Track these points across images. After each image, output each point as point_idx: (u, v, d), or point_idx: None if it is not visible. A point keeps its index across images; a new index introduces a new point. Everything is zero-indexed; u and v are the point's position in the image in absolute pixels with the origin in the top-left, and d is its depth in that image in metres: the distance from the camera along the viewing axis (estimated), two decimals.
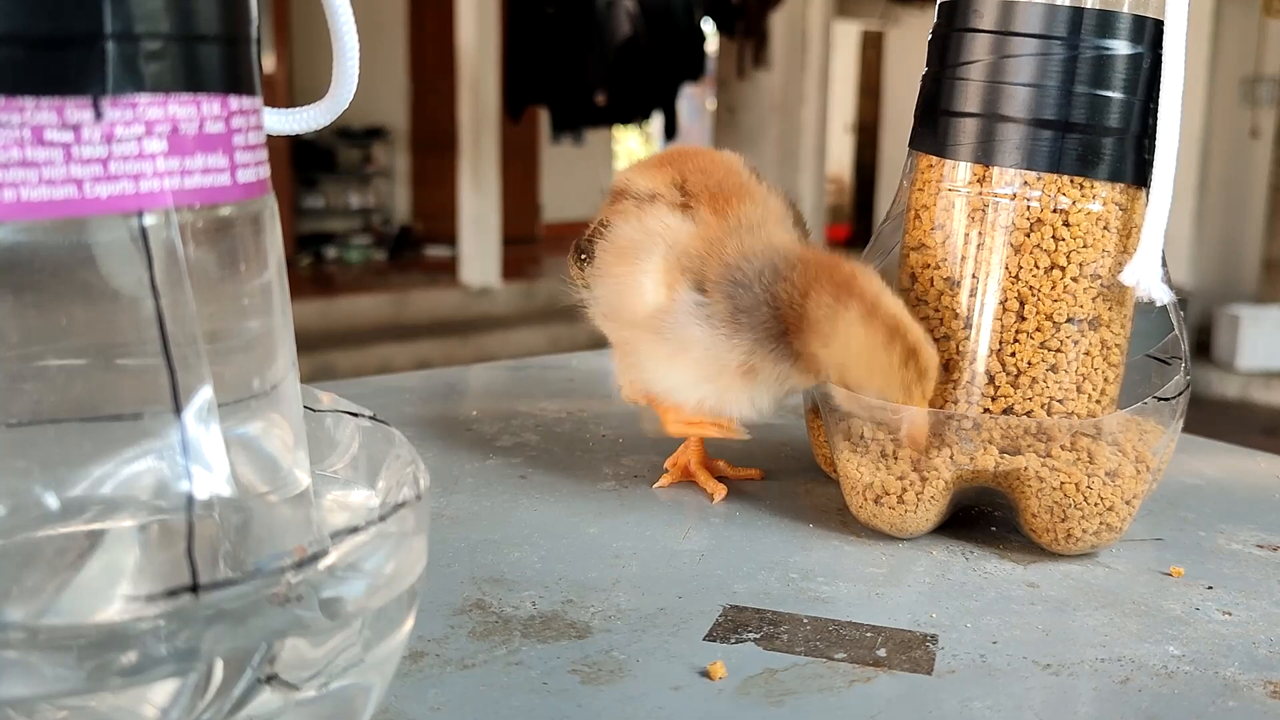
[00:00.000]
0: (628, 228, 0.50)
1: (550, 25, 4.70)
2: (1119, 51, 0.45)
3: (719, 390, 0.49)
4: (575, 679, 0.36)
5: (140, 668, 0.24)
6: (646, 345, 0.50)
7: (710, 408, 0.50)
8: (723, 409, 0.50)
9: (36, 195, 0.24)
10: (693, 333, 0.48)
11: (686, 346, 0.48)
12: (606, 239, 0.51)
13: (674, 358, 0.49)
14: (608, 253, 0.51)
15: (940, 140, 0.49)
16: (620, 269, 0.50)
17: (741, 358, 0.48)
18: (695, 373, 0.49)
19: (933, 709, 0.35)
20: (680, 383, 0.50)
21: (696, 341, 0.48)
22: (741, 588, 0.44)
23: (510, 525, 0.50)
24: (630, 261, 0.50)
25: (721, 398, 0.49)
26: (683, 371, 0.49)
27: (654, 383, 0.51)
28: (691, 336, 0.48)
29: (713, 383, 0.49)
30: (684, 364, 0.49)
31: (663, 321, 0.49)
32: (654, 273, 0.49)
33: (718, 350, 0.48)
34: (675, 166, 0.52)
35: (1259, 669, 0.38)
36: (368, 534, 0.27)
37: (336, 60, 0.37)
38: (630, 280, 0.50)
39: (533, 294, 5.09)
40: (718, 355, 0.48)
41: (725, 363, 0.48)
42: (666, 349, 0.49)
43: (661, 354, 0.49)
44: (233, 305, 0.29)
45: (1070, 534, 0.46)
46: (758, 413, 0.50)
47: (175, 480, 0.27)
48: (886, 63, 7.59)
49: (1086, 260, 0.47)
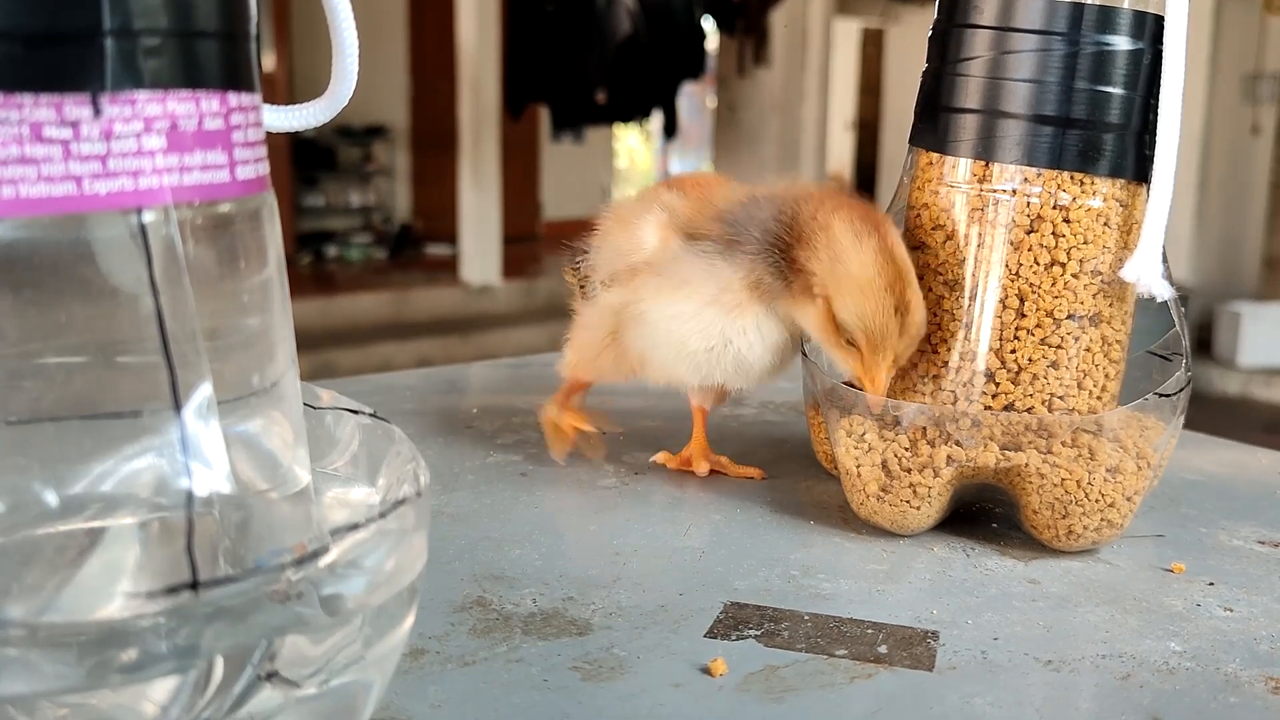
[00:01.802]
0: (627, 200, 0.54)
1: (550, 23, 4.70)
2: (1119, 47, 0.45)
3: (724, 311, 0.49)
4: (576, 676, 0.36)
5: (140, 665, 0.23)
6: (649, 291, 0.51)
7: (717, 338, 0.50)
8: (730, 332, 0.50)
9: (35, 192, 0.24)
10: (692, 264, 0.50)
11: (686, 277, 0.50)
12: (608, 210, 0.54)
13: (674, 290, 0.50)
14: (609, 221, 0.54)
15: (941, 136, 0.48)
16: (618, 229, 0.53)
17: (742, 271, 0.49)
18: (699, 296, 0.49)
19: (934, 705, 0.35)
20: (684, 312, 0.50)
21: (695, 270, 0.49)
22: (742, 584, 0.44)
23: (511, 522, 0.50)
24: (627, 223, 0.52)
25: (727, 319, 0.49)
26: (685, 301, 0.50)
27: (656, 329, 0.51)
28: (691, 267, 0.50)
29: (717, 303, 0.49)
30: (685, 293, 0.50)
31: (659, 266, 0.50)
32: (649, 225, 0.51)
33: (719, 269, 0.49)
34: (666, 185, 0.55)
35: (1260, 665, 0.38)
36: (368, 531, 0.27)
37: (336, 57, 0.37)
38: (627, 236, 0.52)
39: (533, 292, 5.09)
40: (720, 273, 0.49)
41: (729, 279, 0.49)
42: (667, 284, 0.50)
43: (664, 290, 0.50)
44: (232, 302, 0.29)
45: (1071, 530, 0.46)
46: (764, 345, 0.50)
47: (175, 477, 0.27)
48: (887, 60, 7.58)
49: (1087, 256, 0.46)
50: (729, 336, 0.50)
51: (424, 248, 5.99)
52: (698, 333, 0.50)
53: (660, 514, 0.51)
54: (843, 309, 0.46)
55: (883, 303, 0.46)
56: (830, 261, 0.46)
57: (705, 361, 0.50)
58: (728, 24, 5.15)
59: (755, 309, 0.49)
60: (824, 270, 0.47)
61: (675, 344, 0.51)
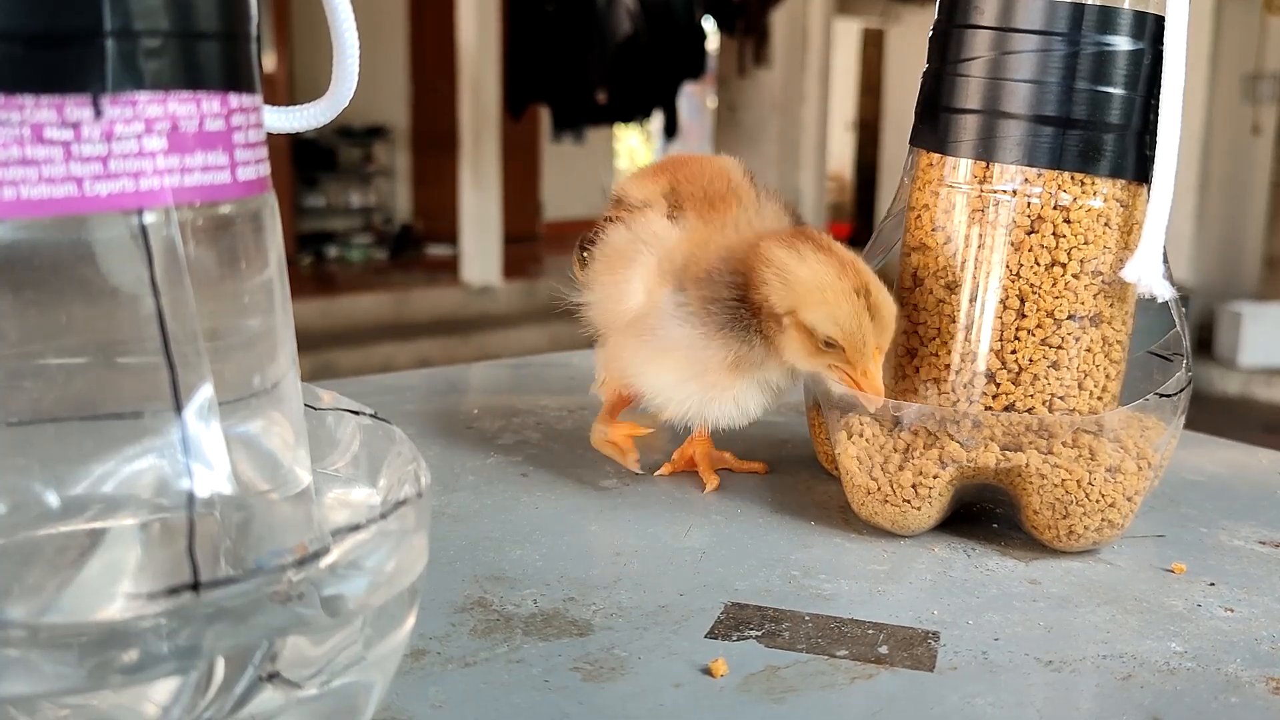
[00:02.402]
0: (617, 234, 0.52)
1: (551, 23, 4.70)
2: (1120, 47, 0.45)
3: (702, 390, 0.50)
4: (576, 676, 0.36)
5: (141, 666, 0.23)
6: (631, 349, 0.51)
7: (694, 410, 0.50)
8: (708, 411, 0.50)
9: (36, 193, 0.24)
10: (674, 333, 0.49)
11: (668, 348, 0.49)
12: (599, 245, 0.53)
13: (656, 360, 0.50)
14: (598, 260, 0.52)
15: (941, 137, 0.48)
16: (607, 276, 0.52)
17: (722, 353, 0.48)
18: (678, 373, 0.50)
19: (934, 706, 0.35)
20: (664, 384, 0.50)
21: (677, 341, 0.49)
22: (743, 585, 0.44)
23: (511, 523, 0.50)
24: (616, 269, 0.51)
25: (705, 397, 0.50)
26: (666, 373, 0.50)
27: (641, 386, 0.52)
28: (672, 337, 0.49)
29: (696, 382, 0.49)
30: (667, 365, 0.50)
31: (645, 324, 0.50)
32: (638, 278, 0.50)
33: (698, 348, 0.49)
34: (669, 174, 0.53)
35: (1261, 665, 0.38)
36: (369, 532, 0.27)
37: (336, 58, 0.37)
38: (616, 286, 0.51)
39: (534, 292, 5.09)
40: (699, 354, 0.49)
41: (707, 361, 0.49)
42: (649, 352, 0.50)
43: (645, 357, 0.50)
44: (233, 303, 0.29)
45: (1072, 531, 0.46)
46: (744, 415, 0.51)
47: (176, 478, 0.27)
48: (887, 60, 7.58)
49: (1088, 257, 0.46)
50: (710, 405, 0.50)
51: (424, 248, 6.00)
52: (677, 402, 0.50)
53: (661, 514, 0.51)
54: (811, 317, 0.46)
55: (844, 294, 0.45)
56: (781, 281, 0.46)
57: (688, 418, 0.51)
58: (728, 24, 5.15)
59: (736, 385, 0.49)
60: (779, 293, 0.46)
61: (653, 400, 0.51)
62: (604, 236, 0.53)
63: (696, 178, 0.52)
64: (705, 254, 0.49)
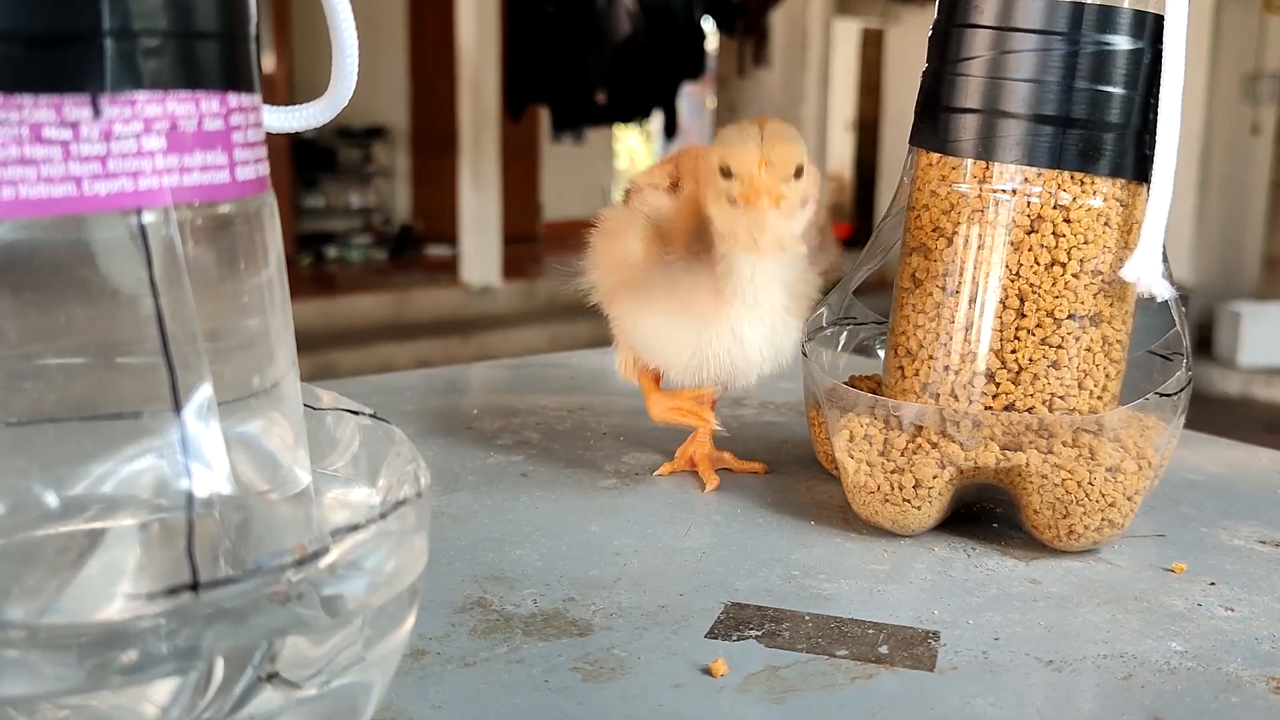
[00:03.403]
0: (614, 213, 0.54)
1: (550, 24, 4.69)
2: (1119, 47, 0.45)
3: (700, 326, 0.50)
4: (577, 677, 0.36)
5: (141, 666, 0.23)
6: (629, 308, 0.52)
7: (699, 355, 0.50)
8: (710, 351, 0.50)
9: (35, 193, 0.24)
10: (662, 280, 0.50)
11: (659, 294, 0.50)
12: (596, 227, 0.54)
13: (652, 309, 0.51)
14: (596, 237, 0.54)
15: (941, 136, 0.48)
16: (606, 245, 0.53)
17: (706, 279, 0.49)
18: (673, 315, 0.50)
19: (935, 706, 0.35)
20: (662, 331, 0.51)
21: (665, 286, 0.50)
22: (743, 585, 0.44)
23: (511, 523, 0.50)
24: (614, 237, 0.52)
25: (703, 334, 0.50)
26: (662, 319, 0.50)
27: (645, 344, 0.52)
28: (662, 284, 0.50)
29: (692, 318, 0.50)
30: (661, 311, 0.50)
31: (640, 281, 0.51)
32: (635, 239, 0.51)
33: (684, 283, 0.49)
34: (674, 162, 0.54)
35: (1262, 665, 0.38)
36: (368, 532, 0.27)
37: (336, 58, 0.37)
38: (613, 252, 0.52)
39: (533, 293, 5.09)
40: (687, 289, 0.49)
41: (694, 292, 0.49)
42: (644, 306, 0.51)
43: (642, 311, 0.51)
44: (232, 303, 0.29)
45: (1072, 530, 0.46)
46: (747, 348, 0.50)
47: (175, 478, 0.27)
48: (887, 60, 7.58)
49: (1087, 256, 0.46)
50: (709, 352, 0.50)
51: (424, 249, 5.99)
52: (678, 349, 0.51)
53: (661, 514, 0.51)
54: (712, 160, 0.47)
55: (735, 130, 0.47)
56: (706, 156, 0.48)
57: (694, 368, 0.51)
58: (727, 24, 5.15)
59: (729, 312, 0.49)
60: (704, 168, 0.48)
61: (660, 357, 0.52)
62: (602, 216, 0.54)
63: (697, 158, 0.53)
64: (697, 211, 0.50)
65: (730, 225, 0.47)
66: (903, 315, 0.50)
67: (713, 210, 0.48)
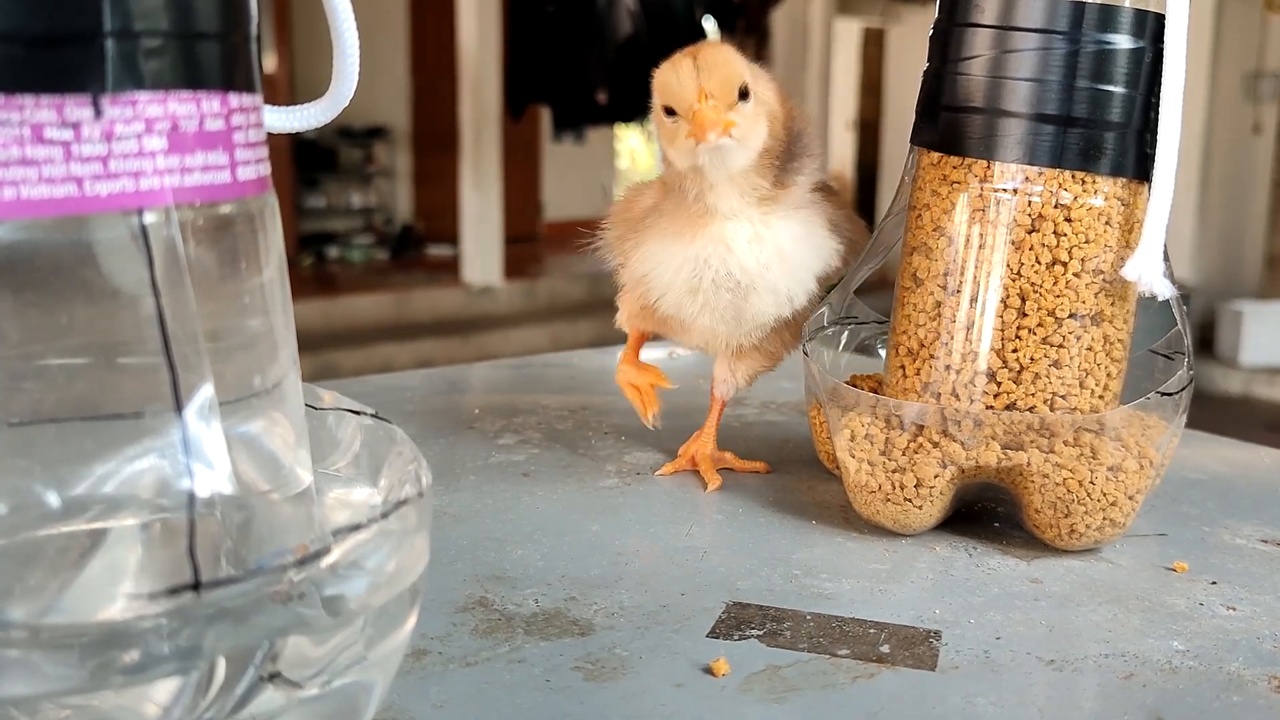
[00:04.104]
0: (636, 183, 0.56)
1: (551, 24, 4.69)
2: (1121, 46, 0.45)
3: (689, 241, 0.50)
4: (578, 676, 0.36)
5: (142, 666, 0.23)
6: (633, 245, 0.53)
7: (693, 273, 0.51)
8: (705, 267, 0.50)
9: (36, 193, 0.24)
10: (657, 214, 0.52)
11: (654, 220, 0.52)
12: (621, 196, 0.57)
13: (648, 234, 0.52)
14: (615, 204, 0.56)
15: (942, 136, 0.48)
16: (620, 205, 0.55)
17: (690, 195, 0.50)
18: (664, 235, 0.51)
19: (936, 705, 0.35)
20: (657, 252, 0.51)
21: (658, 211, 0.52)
22: (744, 584, 0.44)
23: (512, 523, 0.50)
24: (628, 198, 0.55)
25: (694, 249, 0.50)
26: (655, 241, 0.52)
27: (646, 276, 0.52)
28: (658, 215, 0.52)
29: (683, 234, 0.51)
30: (655, 234, 0.52)
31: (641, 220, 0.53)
32: (646, 195, 0.53)
33: (672, 204, 0.51)
34: None
35: (1263, 664, 0.38)
36: (370, 532, 0.27)
37: (336, 58, 0.37)
38: (626, 208, 0.54)
39: (535, 293, 5.09)
40: (674, 208, 0.51)
41: (680, 209, 0.50)
42: (643, 236, 0.52)
43: (643, 242, 0.52)
44: (233, 303, 0.29)
45: (1074, 529, 0.46)
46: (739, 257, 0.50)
47: (177, 478, 0.27)
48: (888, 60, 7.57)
49: (1088, 255, 0.46)
50: (698, 256, 0.50)
51: (425, 249, 6.00)
52: (672, 262, 0.51)
53: (662, 514, 0.51)
54: (655, 99, 0.49)
55: (669, 64, 0.48)
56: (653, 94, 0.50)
57: (694, 287, 0.51)
58: (729, 24, 5.15)
59: (709, 227, 0.50)
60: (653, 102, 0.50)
61: (659, 281, 0.52)
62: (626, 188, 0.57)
63: None
64: None
65: (686, 159, 0.49)
66: (904, 314, 0.50)
67: (668, 151, 0.49)
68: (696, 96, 0.46)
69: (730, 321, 0.52)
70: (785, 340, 0.55)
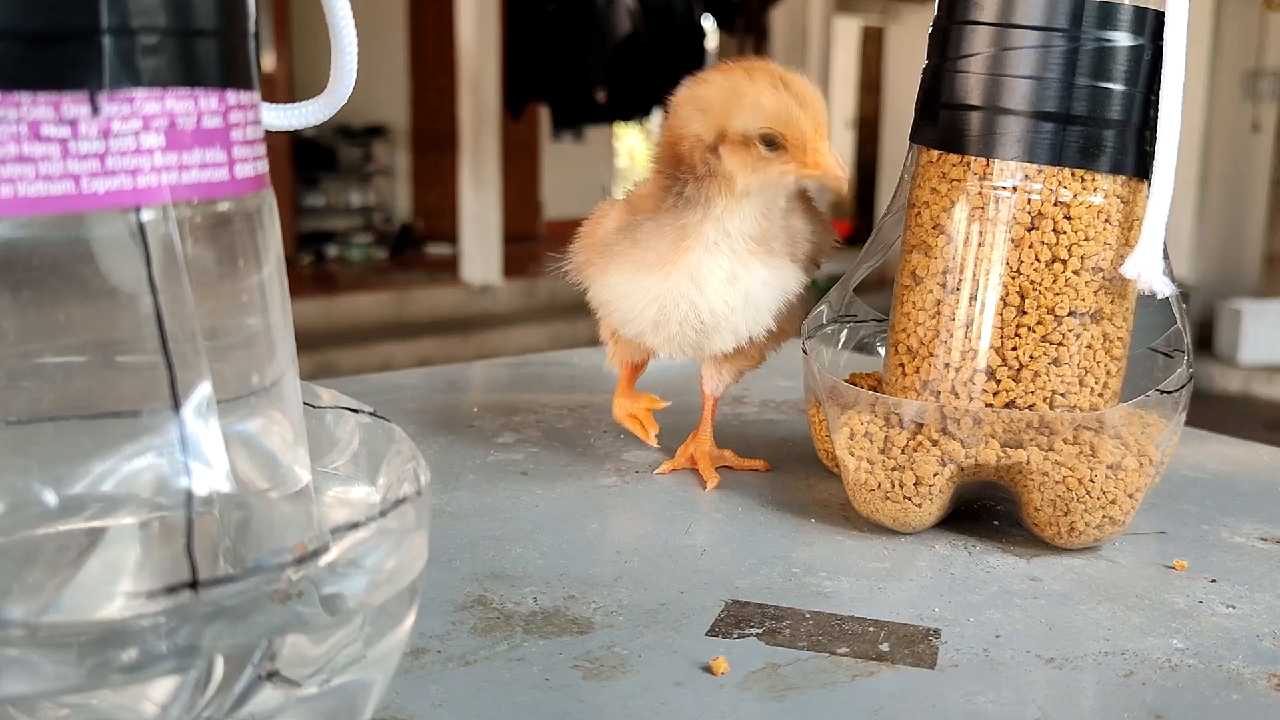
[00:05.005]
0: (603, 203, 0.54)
1: (550, 22, 4.69)
2: (1120, 43, 0.45)
3: (661, 276, 0.50)
4: (577, 675, 0.36)
5: (141, 665, 0.23)
6: (597, 269, 0.52)
7: (662, 308, 0.50)
8: (673, 302, 0.50)
9: (34, 191, 0.24)
10: (624, 236, 0.51)
11: (623, 248, 0.50)
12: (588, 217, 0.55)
13: (616, 263, 0.51)
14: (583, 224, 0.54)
15: (941, 134, 0.48)
16: (587, 227, 0.54)
17: (669, 226, 0.49)
18: (635, 266, 0.50)
19: (936, 703, 0.35)
20: (625, 283, 0.51)
21: (629, 239, 0.50)
22: (744, 583, 0.44)
23: (512, 521, 0.50)
24: (595, 219, 0.53)
25: (665, 285, 0.50)
26: (626, 271, 0.50)
27: (609, 301, 0.52)
28: (625, 239, 0.51)
29: (654, 269, 0.50)
30: (625, 264, 0.50)
31: (607, 243, 0.51)
32: (610, 215, 0.52)
33: (646, 233, 0.50)
34: None
35: (1263, 662, 0.38)
36: (368, 530, 0.27)
37: (335, 55, 0.37)
38: (592, 230, 0.53)
39: (534, 292, 5.09)
40: (648, 238, 0.50)
41: (657, 241, 0.49)
42: (610, 261, 0.51)
43: (607, 267, 0.51)
44: (231, 301, 0.29)
45: (1073, 527, 0.46)
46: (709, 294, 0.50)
47: (175, 477, 0.27)
48: (887, 58, 7.57)
49: (1088, 253, 0.46)
50: (671, 301, 0.50)
51: (425, 247, 5.99)
52: (637, 296, 0.50)
53: (661, 512, 0.51)
54: (740, 121, 0.46)
55: (763, 88, 0.46)
56: (699, 109, 0.47)
57: (659, 322, 0.51)
58: (727, 22, 5.15)
59: (690, 258, 0.49)
60: (700, 120, 0.47)
61: (624, 313, 0.51)
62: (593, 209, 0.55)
63: None
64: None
65: (765, 185, 0.48)
66: (903, 313, 0.50)
67: (739, 172, 0.47)
68: (813, 130, 0.46)
69: (689, 350, 0.53)
70: (766, 344, 0.55)
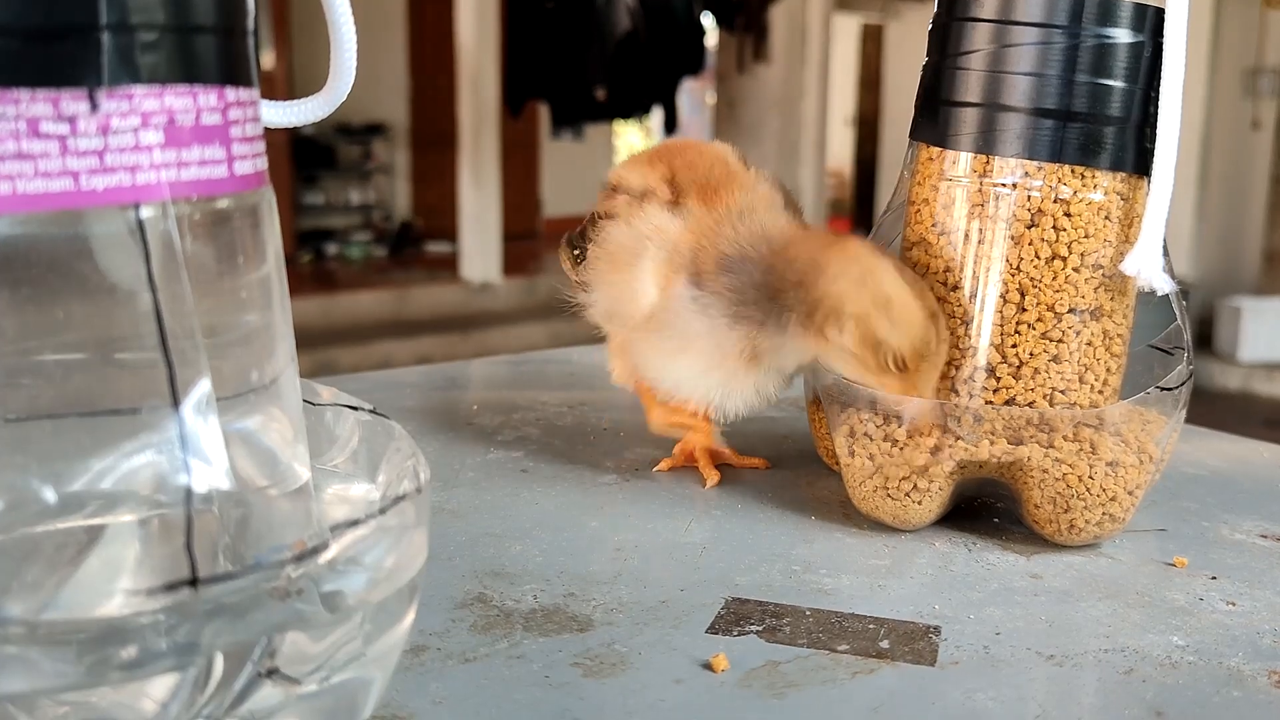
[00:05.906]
0: (618, 232, 0.52)
1: (550, 20, 4.69)
2: (1120, 40, 0.45)
3: (724, 380, 0.50)
4: (577, 672, 0.36)
5: (140, 662, 0.23)
6: (648, 345, 0.51)
7: (716, 401, 0.51)
8: (729, 400, 0.51)
9: (32, 188, 0.24)
10: (693, 326, 0.49)
11: (689, 340, 0.50)
12: (598, 244, 0.52)
13: (677, 354, 0.50)
14: (601, 259, 0.52)
15: (941, 131, 0.48)
16: (614, 275, 0.52)
17: (744, 343, 0.49)
18: (699, 364, 0.50)
19: (936, 701, 0.35)
20: (685, 377, 0.51)
21: (698, 334, 0.49)
22: (744, 580, 0.44)
23: (511, 519, 0.50)
24: (623, 268, 0.51)
25: (727, 387, 0.50)
26: (687, 366, 0.50)
27: (660, 381, 0.52)
28: (692, 330, 0.49)
29: (717, 371, 0.50)
30: (688, 358, 0.50)
31: (662, 320, 0.50)
32: (647, 275, 0.50)
33: (719, 338, 0.49)
34: (665, 161, 0.53)
35: (1263, 659, 0.38)
36: (368, 527, 0.27)
37: (334, 52, 0.37)
38: (625, 285, 0.51)
39: (533, 289, 5.09)
40: (720, 343, 0.49)
41: (728, 350, 0.49)
42: (669, 345, 0.50)
43: (665, 351, 0.51)
44: (231, 298, 0.29)
45: (1073, 525, 0.46)
46: (764, 401, 0.51)
47: (174, 474, 0.27)
48: (886, 56, 7.57)
49: (1088, 250, 0.46)
50: (731, 394, 0.51)
51: (424, 245, 6.00)
52: (700, 391, 0.51)
53: (661, 510, 0.51)
54: (884, 328, 0.46)
55: (922, 318, 0.45)
56: (856, 285, 0.46)
57: (703, 404, 0.52)
58: (727, 20, 5.14)
59: (757, 373, 0.50)
60: (856, 296, 0.46)
61: (676, 396, 0.52)
62: (604, 234, 0.52)
63: (695, 165, 0.52)
64: (717, 241, 0.49)
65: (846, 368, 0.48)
66: None
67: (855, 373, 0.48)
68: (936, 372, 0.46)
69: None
70: None
